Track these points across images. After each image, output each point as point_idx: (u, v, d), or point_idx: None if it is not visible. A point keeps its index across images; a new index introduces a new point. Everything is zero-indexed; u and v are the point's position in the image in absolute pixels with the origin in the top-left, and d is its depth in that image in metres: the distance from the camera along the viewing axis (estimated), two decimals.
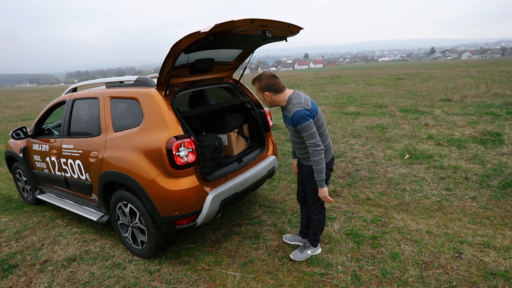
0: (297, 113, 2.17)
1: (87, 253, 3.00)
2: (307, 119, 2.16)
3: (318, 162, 2.21)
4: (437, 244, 2.66)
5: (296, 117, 2.16)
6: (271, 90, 2.28)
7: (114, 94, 2.98)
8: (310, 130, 2.17)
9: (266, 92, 2.29)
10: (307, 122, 2.16)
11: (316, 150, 2.19)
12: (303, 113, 2.17)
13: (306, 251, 2.65)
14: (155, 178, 2.52)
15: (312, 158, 2.21)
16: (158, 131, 2.54)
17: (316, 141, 2.19)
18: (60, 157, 3.44)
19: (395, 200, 3.54)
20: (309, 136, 2.18)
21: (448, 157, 4.62)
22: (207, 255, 2.84)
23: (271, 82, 2.27)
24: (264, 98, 2.33)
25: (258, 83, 2.30)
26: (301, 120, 2.16)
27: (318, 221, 2.56)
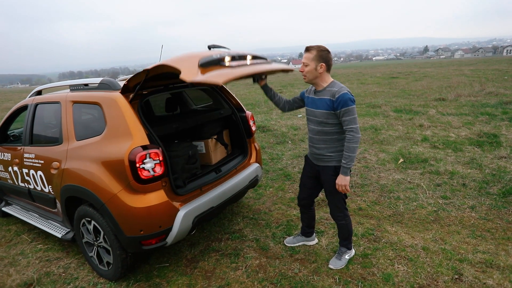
0: (346, 95, 2.06)
1: (48, 276, 2.68)
2: (353, 103, 2.08)
3: (355, 149, 2.09)
4: (434, 263, 2.40)
5: (345, 98, 2.05)
6: (328, 64, 2.15)
7: (77, 99, 2.67)
8: (354, 115, 2.07)
9: (323, 63, 2.13)
10: (353, 106, 2.07)
11: (357, 136, 2.08)
12: (351, 96, 2.09)
13: (344, 257, 2.48)
14: (118, 194, 2.23)
15: (350, 144, 2.08)
16: (121, 141, 2.25)
17: (358, 127, 2.09)
18: (22, 167, 3.12)
19: (388, 210, 3.29)
20: (352, 120, 2.07)
21: (444, 161, 4.38)
22: (180, 276, 2.55)
23: (330, 56, 2.17)
24: (315, 69, 2.13)
25: (318, 51, 2.12)
26: (349, 102, 2.05)
27: (346, 225, 2.40)
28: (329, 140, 2.20)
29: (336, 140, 2.19)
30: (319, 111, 2.18)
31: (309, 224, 2.70)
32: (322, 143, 2.23)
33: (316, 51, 2.12)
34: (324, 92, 2.18)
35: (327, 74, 2.19)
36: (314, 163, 2.37)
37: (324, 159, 2.27)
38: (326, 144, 2.22)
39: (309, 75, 2.18)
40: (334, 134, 2.18)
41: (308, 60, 2.14)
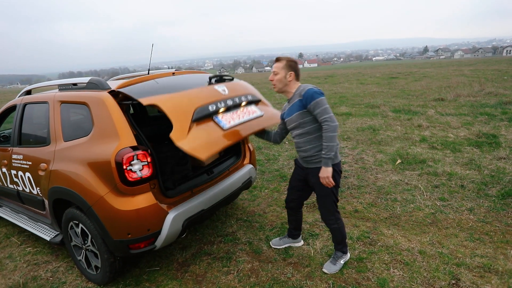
0: (311, 90, 2.11)
1: (35, 280, 2.62)
2: (321, 95, 2.10)
3: (333, 138, 2.06)
4: (431, 268, 2.33)
5: (310, 93, 2.09)
6: (296, 73, 2.25)
7: (64, 98, 2.61)
8: (324, 105, 2.07)
9: (291, 71, 2.22)
10: (322, 97, 2.09)
11: (332, 125, 2.05)
12: (317, 90, 2.12)
13: (339, 262, 2.42)
14: (104, 196, 2.16)
15: (328, 134, 2.06)
16: (108, 141, 2.18)
17: (332, 116, 2.07)
18: (11, 169, 3.06)
19: (385, 212, 3.22)
20: (324, 110, 2.06)
21: (442, 162, 4.31)
22: (171, 280, 2.49)
23: (298, 66, 2.27)
24: (285, 77, 2.22)
25: (288, 61, 2.24)
26: (315, 95, 2.08)
27: (339, 229, 2.36)
28: (313, 139, 2.20)
29: (319, 137, 2.18)
30: (294, 115, 2.20)
31: (296, 227, 2.67)
32: (307, 144, 2.22)
33: (286, 61, 2.24)
34: (293, 97, 2.25)
35: (296, 82, 2.27)
36: (304, 166, 2.35)
37: (313, 160, 2.24)
38: (311, 144, 2.21)
39: (278, 83, 2.24)
40: (316, 132, 2.18)
41: (278, 69, 2.22)
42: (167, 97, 2.18)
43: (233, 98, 2.50)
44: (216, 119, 2.29)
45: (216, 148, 2.09)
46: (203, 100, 2.28)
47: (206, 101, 2.28)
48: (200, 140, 2.06)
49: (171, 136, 1.97)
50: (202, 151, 1.99)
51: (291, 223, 2.68)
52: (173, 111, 2.07)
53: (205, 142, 2.07)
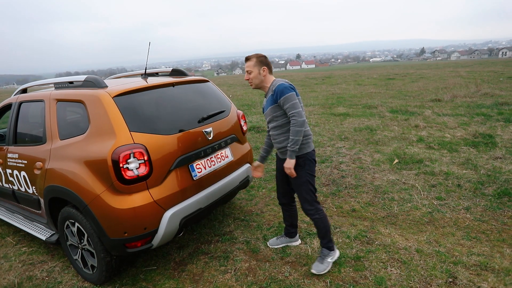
0: (281, 85, 2.18)
1: (30, 280, 2.59)
2: (291, 90, 2.16)
3: (297, 133, 2.13)
4: (428, 266, 2.34)
5: (280, 88, 2.16)
6: (268, 66, 2.29)
7: (61, 97, 2.59)
8: (293, 101, 2.14)
9: (264, 66, 2.27)
10: (291, 93, 2.15)
11: (299, 120, 2.12)
12: (287, 85, 2.19)
13: (326, 260, 2.39)
14: (101, 195, 2.14)
15: (294, 128, 2.13)
16: (104, 140, 2.17)
17: (300, 111, 2.14)
18: (6, 168, 3.04)
19: (382, 212, 3.22)
20: (292, 106, 2.14)
21: (439, 162, 4.33)
22: (168, 280, 2.47)
23: (268, 60, 2.31)
24: (259, 73, 2.27)
25: (257, 58, 2.28)
26: (285, 90, 2.14)
27: (321, 220, 2.36)
28: (286, 131, 2.26)
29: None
30: (268, 109, 2.29)
31: (292, 223, 2.68)
32: (281, 136, 2.29)
33: (255, 58, 2.28)
34: (268, 91, 2.32)
35: (270, 76, 2.32)
36: (280, 157, 2.43)
37: (285, 151, 2.31)
38: (284, 136, 2.28)
39: (254, 80, 2.29)
40: (288, 125, 2.24)
41: (250, 68, 2.27)
42: (158, 138, 2.26)
43: (214, 144, 2.66)
44: (191, 167, 2.45)
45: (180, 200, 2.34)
46: (188, 148, 2.43)
47: (189, 149, 2.44)
48: (169, 190, 2.27)
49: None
50: (168, 203, 2.25)
51: (286, 220, 2.70)
52: (157, 157, 2.22)
53: (172, 192, 2.28)
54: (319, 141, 5.88)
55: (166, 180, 2.28)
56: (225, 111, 2.95)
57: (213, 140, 2.66)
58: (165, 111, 2.51)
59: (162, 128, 2.33)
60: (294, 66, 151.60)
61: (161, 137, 2.29)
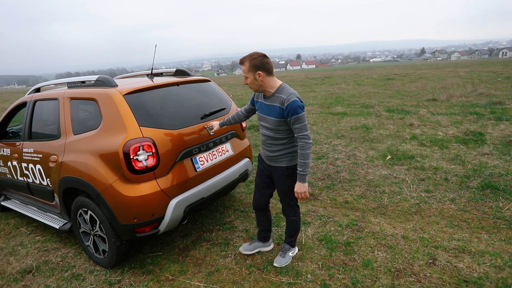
0: (296, 102, 2.03)
1: (46, 264, 2.81)
2: (303, 111, 2.07)
3: (308, 156, 2.10)
4: (411, 250, 2.55)
5: (294, 106, 2.02)
6: (265, 69, 2.08)
7: (74, 95, 2.81)
8: (304, 122, 2.07)
9: (259, 71, 2.06)
10: (303, 113, 2.07)
11: (309, 142, 2.09)
12: (301, 104, 2.06)
13: (288, 254, 2.55)
14: (113, 184, 2.36)
15: (303, 151, 2.09)
16: (116, 134, 2.38)
17: (309, 134, 2.10)
18: (22, 162, 3.25)
19: (373, 203, 3.44)
20: (303, 127, 2.08)
21: (429, 158, 4.54)
22: (173, 263, 2.69)
23: (265, 60, 2.07)
24: (255, 79, 2.09)
25: (250, 61, 2.06)
26: (298, 110, 2.04)
27: (296, 221, 2.48)
28: (281, 144, 2.22)
29: (288, 143, 2.22)
30: (271, 118, 2.16)
31: (267, 228, 2.65)
32: (274, 146, 2.25)
33: (248, 61, 2.07)
34: (273, 98, 2.14)
35: (271, 78, 2.12)
36: (267, 163, 2.39)
37: (276, 160, 2.29)
38: (278, 147, 2.24)
39: (252, 86, 2.15)
40: (285, 139, 2.21)
41: (245, 73, 2.11)
42: (164, 133, 2.47)
43: (215, 139, 2.87)
44: (194, 159, 2.67)
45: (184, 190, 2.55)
46: (192, 142, 2.64)
47: (193, 143, 2.65)
48: (175, 181, 2.48)
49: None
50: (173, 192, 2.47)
51: (261, 225, 2.64)
52: (164, 150, 2.42)
53: (177, 182, 2.50)
54: (316, 139, 6.09)
55: (172, 171, 2.50)
56: (226, 108, 3.17)
57: (215, 135, 2.87)
58: (170, 108, 2.72)
59: (168, 124, 2.55)
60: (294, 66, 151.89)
61: (167, 131, 2.51)
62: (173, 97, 2.82)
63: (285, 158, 2.26)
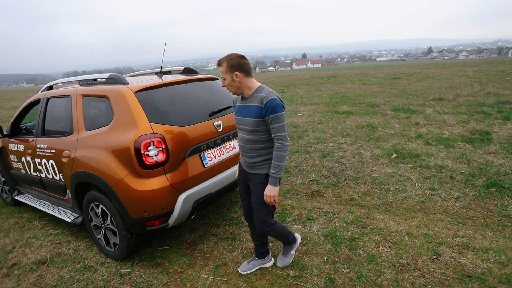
0: (274, 100, 1.93)
1: (59, 256, 2.91)
2: (282, 110, 1.97)
3: (283, 158, 2.01)
4: (415, 246, 2.59)
5: (273, 104, 1.92)
6: (243, 70, 1.99)
7: (86, 92, 2.89)
8: (283, 122, 1.97)
9: (237, 72, 1.97)
10: (282, 113, 1.97)
11: (285, 144, 1.99)
12: (280, 102, 1.96)
13: (290, 252, 2.52)
14: (124, 178, 2.44)
15: (279, 153, 1.99)
16: (127, 130, 2.46)
17: (286, 135, 2.00)
18: (35, 157, 3.35)
19: (378, 200, 3.47)
20: (281, 128, 1.97)
21: (435, 156, 4.55)
22: (181, 257, 2.76)
23: (242, 61, 1.99)
24: (233, 80, 1.99)
25: (228, 62, 1.97)
26: (277, 108, 1.94)
27: (278, 233, 2.30)
28: (262, 148, 2.09)
29: (268, 147, 2.09)
30: (249, 119, 2.04)
31: (263, 242, 2.46)
32: (254, 151, 2.10)
33: (225, 62, 1.99)
34: (251, 98, 2.04)
35: (249, 79, 2.03)
36: (246, 170, 2.25)
37: (256, 166, 2.14)
38: (258, 152, 2.10)
39: (230, 88, 2.05)
40: (266, 142, 2.08)
41: (223, 74, 2.03)
42: (174, 129, 2.55)
43: (223, 135, 2.94)
44: (202, 155, 2.74)
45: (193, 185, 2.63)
46: (200, 139, 2.71)
47: (201, 140, 2.72)
48: (184, 176, 2.56)
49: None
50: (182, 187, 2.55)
51: (255, 239, 2.46)
52: (173, 146, 2.49)
53: (186, 178, 2.57)
54: (321, 138, 6.13)
55: (181, 167, 2.57)
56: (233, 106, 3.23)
57: (222, 132, 2.94)
58: (179, 105, 2.79)
59: (177, 120, 2.62)
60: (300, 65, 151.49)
61: (177, 128, 2.58)
62: (182, 94, 2.89)
63: (265, 164, 2.11)
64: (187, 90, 2.95)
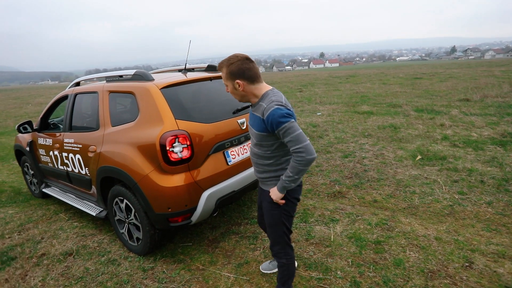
0: (276, 111, 1.59)
1: (84, 248, 2.98)
2: (289, 118, 1.60)
3: (300, 172, 1.64)
4: (446, 252, 2.48)
5: (275, 117, 1.58)
6: (245, 77, 1.67)
7: (113, 88, 2.94)
8: (296, 131, 1.59)
9: (238, 80, 1.68)
10: (290, 121, 1.59)
11: (308, 158, 1.58)
12: (284, 111, 1.60)
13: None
14: (149, 174, 2.46)
15: (297, 165, 1.62)
16: (153, 126, 2.48)
17: (308, 145, 1.59)
18: (62, 151, 3.44)
19: (403, 203, 3.36)
20: (295, 139, 1.59)
21: (463, 159, 4.36)
22: (203, 254, 2.76)
23: (245, 66, 1.67)
24: (235, 89, 1.72)
25: (227, 67, 1.68)
26: (281, 120, 1.58)
27: (287, 265, 1.94)
28: (267, 164, 1.81)
29: (275, 164, 1.79)
30: (254, 131, 1.77)
31: None
32: (260, 166, 1.84)
33: (225, 68, 1.70)
34: (257, 107, 1.74)
35: (254, 86, 1.71)
36: (260, 186, 1.98)
37: (264, 182, 1.88)
38: (263, 168, 1.83)
39: (234, 96, 1.78)
40: (271, 158, 1.78)
41: (224, 81, 1.75)
42: (198, 126, 2.54)
43: (247, 133, 2.91)
44: (226, 153, 2.73)
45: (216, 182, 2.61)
46: (224, 136, 2.70)
47: (225, 137, 2.71)
48: (207, 173, 2.55)
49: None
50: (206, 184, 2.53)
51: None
52: (198, 143, 2.49)
53: (210, 175, 2.56)
54: (342, 137, 6.02)
55: (205, 164, 2.57)
56: None
57: (246, 130, 2.91)
58: (204, 102, 2.79)
59: (202, 117, 2.62)
60: (317, 64, 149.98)
61: (201, 125, 2.57)
62: (207, 91, 2.89)
63: (273, 181, 1.82)
64: (211, 87, 2.94)
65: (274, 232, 1.90)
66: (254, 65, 1.72)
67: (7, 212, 3.99)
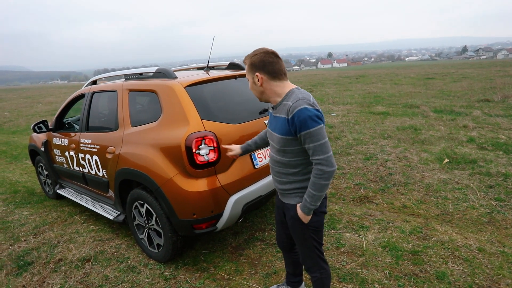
0: (305, 111, 1.40)
1: (102, 254, 2.85)
2: (318, 123, 1.41)
3: (323, 188, 1.47)
4: (493, 265, 2.28)
5: (303, 117, 1.39)
6: (265, 70, 1.51)
7: (133, 87, 2.80)
8: (322, 140, 1.41)
9: (258, 72, 1.52)
10: (319, 127, 1.40)
11: (328, 171, 1.43)
12: (313, 111, 1.41)
13: None
14: (173, 178, 2.31)
15: (318, 181, 1.45)
16: (178, 127, 2.33)
17: (331, 157, 1.43)
18: (78, 152, 3.33)
19: (435, 210, 3.16)
20: (319, 148, 1.42)
21: (495, 163, 4.13)
22: (227, 262, 2.61)
23: (267, 59, 1.50)
24: (254, 83, 1.56)
25: (250, 58, 1.54)
26: (309, 122, 1.39)
27: (321, 279, 1.75)
28: (292, 174, 1.60)
29: (301, 173, 1.59)
30: (276, 135, 1.56)
31: (295, 272, 2.07)
32: (283, 176, 1.63)
33: (248, 60, 1.55)
34: (280, 107, 1.55)
35: (276, 83, 1.54)
36: (279, 198, 1.78)
37: (286, 194, 1.68)
38: (287, 178, 1.62)
39: (254, 92, 1.62)
40: (297, 166, 1.58)
41: (247, 75, 1.60)
42: (225, 127, 2.40)
43: None
44: (253, 156, 2.58)
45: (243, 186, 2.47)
46: (251, 138, 2.42)
47: None
48: (234, 177, 2.41)
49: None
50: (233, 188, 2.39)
51: (287, 266, 2.08)
52: (224, 144, 2.32)
53: (237, 179, 2.42)
54: (361, 139, 5.82)
55: (232, 167, 2.42)
56: None
57: None
58: (230, 101, 2.64)
59: (228, 118, 2.47)
60: (325, 64, 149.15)
61: (228, 125, 2.42)
62: (231, 90, 2.74)
63: (298, 193, 1.62)
64: (236, 85, 2.79)
65: (303, 247, 1.72)
66: (279, 60, 1.55)
67: (22, 214, 3.90)
